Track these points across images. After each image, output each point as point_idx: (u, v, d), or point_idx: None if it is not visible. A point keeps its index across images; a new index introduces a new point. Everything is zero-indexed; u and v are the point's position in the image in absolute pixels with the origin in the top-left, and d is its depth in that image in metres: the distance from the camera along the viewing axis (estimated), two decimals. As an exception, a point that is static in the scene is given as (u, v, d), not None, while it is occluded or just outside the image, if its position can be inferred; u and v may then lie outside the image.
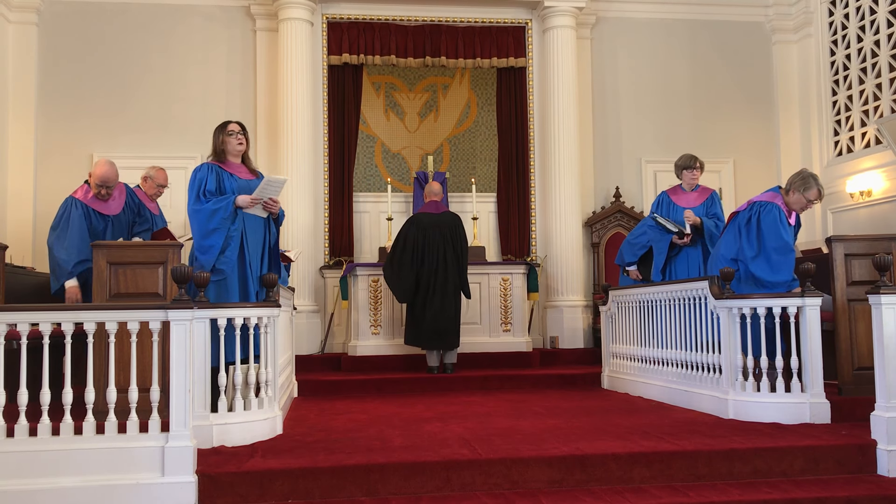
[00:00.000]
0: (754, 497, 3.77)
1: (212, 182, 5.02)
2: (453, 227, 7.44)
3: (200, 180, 5.03)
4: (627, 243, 6.90)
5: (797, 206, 5.60)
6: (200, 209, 4.96)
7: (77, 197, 6.03)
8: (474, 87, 9.77)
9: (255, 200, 5.00)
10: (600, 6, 9.65)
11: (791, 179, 5.63)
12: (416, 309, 7.36)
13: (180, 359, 3.80)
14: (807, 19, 9.70)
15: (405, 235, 7.42)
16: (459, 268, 7.39)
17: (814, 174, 5.61)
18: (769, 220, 5.49)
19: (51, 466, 3.65)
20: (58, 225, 5.98)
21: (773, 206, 5.55)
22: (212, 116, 8.49)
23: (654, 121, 9.73)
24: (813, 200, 5.57)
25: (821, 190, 5.56)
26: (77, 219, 5.92)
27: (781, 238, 5.45)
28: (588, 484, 3.93)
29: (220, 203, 4.97)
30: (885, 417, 4.20)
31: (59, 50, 8.91)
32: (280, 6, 8.78)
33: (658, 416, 5.29)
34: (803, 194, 5.54)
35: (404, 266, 7.33)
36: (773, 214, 5.51)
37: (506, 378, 7.30)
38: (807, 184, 5.53)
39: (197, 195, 4.99)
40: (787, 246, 5.45)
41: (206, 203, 4.95)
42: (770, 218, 5.50)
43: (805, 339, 4.96)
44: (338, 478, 3.81)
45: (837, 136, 9.39)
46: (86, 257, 5.86)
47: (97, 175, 5.99)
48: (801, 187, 5.54)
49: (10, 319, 3.71)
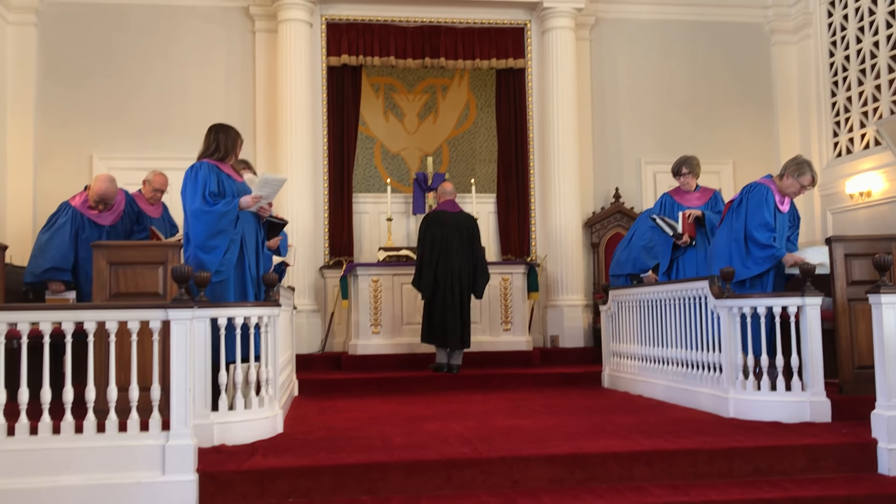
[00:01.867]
0: (755, 496, 3.77)
1: (213, 183, 4.93)
2: (469, 227, 7.42)
3: (204, 181, 4.91)
4: (640, 248, 6.86)
5: (791, 190, 5.67)
6: (209, 211, 4.86)
7: (74, 204, 6.05)
8: (473, 89, 9.77)
9: (255, 199, 4.96)
10: (599, 7, 9.66)
11: (786, 164, 5.74)
12: (431, 306, 7.30)
13: (181, 358, 3.80)
14: (806, 20, 9.71)
15: (428, 234, 7.35)
16: (474, 268, 7.36)
17: (808, 160, 5.72)
18: (754, 200, 5.61)
19: (51, 465, 3.65)
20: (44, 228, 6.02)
21: (762, 186, 5.67)
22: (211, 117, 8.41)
23: (653, 122, 9.74)
24: (806, 186, 5.66)
25: (814, 176, 5.65)
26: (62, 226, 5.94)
27: (762, 216, 5.54)
28: (589, 482, 3.93)
29: (228, 206, 4.88)
30: (886, 416, 4.20)
31: (58, 51, 8.91)
32: (279, 7, 8.79)
33: (658, 414, 5.30)
34: (797, 179, 5.63)
35: (426, 264, 7.29)
36: (760, 193, 5.63)
37: (506, 377, 7.30)
38: (801, 169, 5.62)
39: (202, 196, 4.88)
40: (765, 223, 5.53)
41: (214, 206, 4.86)
42: (756, 197, 5.61)
43: (805, 338, 4.96)
44: (338, 476, 3.81)
45: (837, 137, 9.40)
46: (61, 265, 5.90)
47: (95, 191, 6.00)
48: (794, 172, 5.63)
49: (10, 319, 3.71)
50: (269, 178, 5.00)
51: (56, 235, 5.93)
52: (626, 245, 7.21)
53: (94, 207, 6.04)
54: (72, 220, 5.98)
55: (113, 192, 6.03)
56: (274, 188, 5.04)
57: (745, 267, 5.57)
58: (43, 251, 5.89)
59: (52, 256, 5.88)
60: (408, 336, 8.04)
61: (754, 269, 5.56)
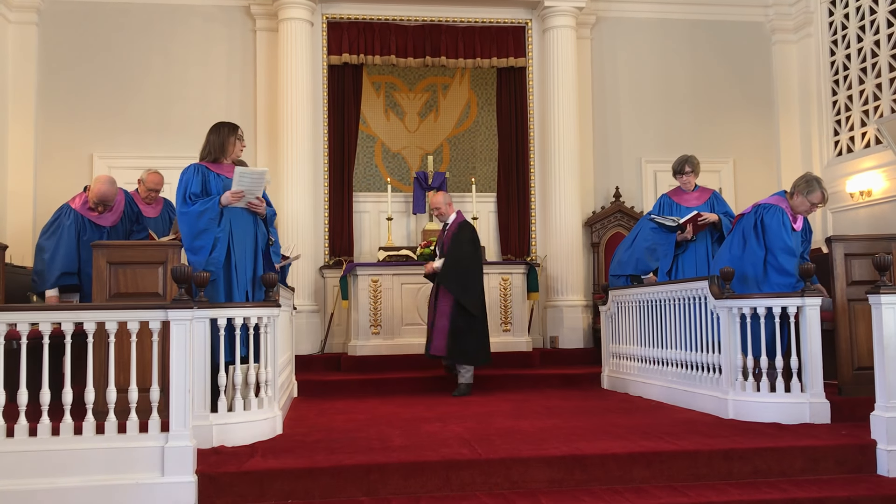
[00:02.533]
0: (754, 497, 3.77)
1: (196, 184, 5.00)
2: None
3: (186, 183, 5.01)
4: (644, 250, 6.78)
5: (801, 209, 5.62)
6: (187, 211, 4.95)
7: (73, 206, 6.02)
8: (474, 87, 9.76)
9: (235, 194, 4.95)
10: (600, 6, 9.65)
11: (795, 183, 5.67)
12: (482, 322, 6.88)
13: (180, 359, 3.80)
14: (807, 19, 9.69)
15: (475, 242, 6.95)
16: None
17: (818, 178, 5.64)
18: (774, 223, 5.53)
19: (50, 466, 3.65)
20: (47, 231, 5.99)
21: (776, 208, 5.60)
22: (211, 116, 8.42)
23: (653, 120, 9.73)
24: (816, 204, 5.59)
25: (824, 193, 5.57)
26: (66, 230, 5.92)
27: (783, 239, 5.48)
28: (588, 484, 3.93)
29: (207, 204, 4.94)
30: (885, 417, 4.20)
31: (59, 50, 8.91)
32: (280, 6, 8.78)
33: (658, 415, 5.30)
34: (807, 197, 5.56)
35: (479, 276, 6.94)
36: (776, 217, 5.55)
37: (506, 378, 7.30)
38: (810, 187, 5.55)
39: (184, 198, 4.99)
40: (788, 248, 5.48)
41: (192, 206, 4.95)
42: (774, 220, 5.53)
43: (805, 339, 4.96)
44: (337, 478, 3.81)
45: (837, 136, 9.38)
46: (70, 270, 5.89)
47: (95, 193, 5.98)
48: (804, 190, 5.56)
49: (10, 319, 3.71)
50: (245, 171, 4.97)
51: (62, 241, 5.91)
52: (629, 246, 7.17)
53: (94, 209, 6.03)
54: (74, 222, 5.97)
55: (113, 193, 6.02)
56: (254, 181, 4.97)
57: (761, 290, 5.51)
58: (54, 258, 5.87)
59: (64, 263, 5.87)
60: (408, 337, 8.04)
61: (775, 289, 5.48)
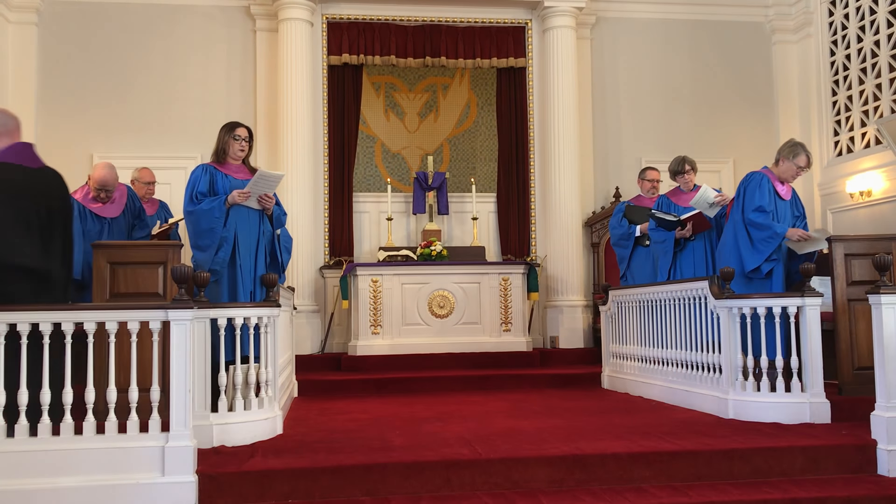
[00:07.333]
0: (754, 497, 3.78)
1: (204, 183, 5.12)
2: None
3: (193, 182, 5.13)
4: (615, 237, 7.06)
5: (788, 174, 5.72)
6: (194, 210, 5.07)
7: (76, 198, 6.02)
8: (474, 88, 9.76)
9: (244, 194, 5.01)
10: (600, 6, 9.65)
11: (780, 149, 5.79)
12: None
13: (180, 359, 3.80)
14: (807, 19, 9.69)
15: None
16: None
17: (801, 142, 5.77)
18: (749, 186, 5.68)
19: (51, 466, 3.65)
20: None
21: (756, 173, 5.74)
22: (211, 116, 8.52)
23: (653, 121, 9.73)
24: (802, 167, 5.70)
25: (809, 156, 5.70)
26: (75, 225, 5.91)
27: (754, 200, 5.59)
28: (588, 483, 3.93)
29: (213, 203, 5.06)
30: (885, 417, 4.20)
31: (58, 50, 8.91)
32: (280, 6, 8.78)
33: (658, 415, 5.30)
34: (793, 161, 5.68)
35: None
36: (754, 180, 5.69)
37: (506, 378, 7.30)
38: (795, 151, 5.67)
39: (190, 197, 5.10)
40: (758, 207, 5.57)
41: (198, 204, 5.06)
42: (750, 184, 5.68)
43: (805, 339, 4.96)
44: (338, 478, 3.81)
45: (837, 137, 9.38)
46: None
47: (96, 178, 5.98)
48: (789, 154, 5.67)
49: (10, 319, 3.71)
50: (265, 173, 5.11)
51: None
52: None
53: (97, 197, 6.03)
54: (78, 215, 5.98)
55: (113, 178, 6.02)
56: (269, 183, 5.12)
57: (756, 253, 5.56)
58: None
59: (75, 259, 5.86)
60: (408, 337, 8.04)
61: (764, 251, 5.55)
